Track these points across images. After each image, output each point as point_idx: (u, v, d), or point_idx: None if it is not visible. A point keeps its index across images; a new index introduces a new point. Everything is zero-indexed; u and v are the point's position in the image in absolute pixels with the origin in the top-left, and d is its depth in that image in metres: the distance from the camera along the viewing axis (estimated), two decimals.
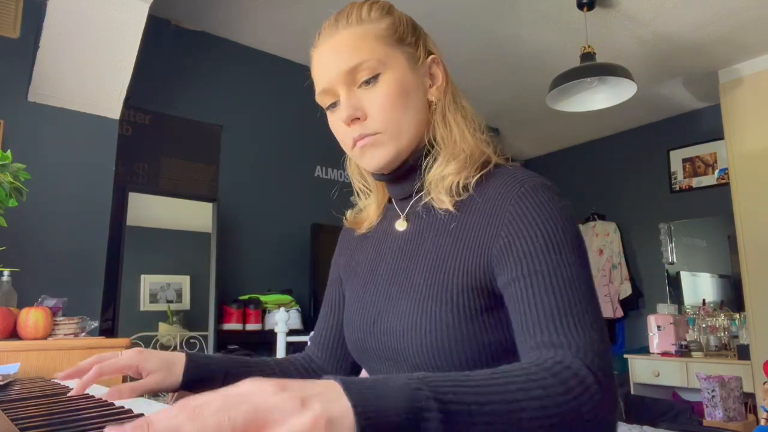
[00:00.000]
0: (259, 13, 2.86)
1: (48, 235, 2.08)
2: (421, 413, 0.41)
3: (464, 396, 0.44)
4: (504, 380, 0.48)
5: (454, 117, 0.74)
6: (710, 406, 2.92)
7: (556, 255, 0.60)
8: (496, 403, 0.45)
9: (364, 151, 0.72)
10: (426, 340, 0.65)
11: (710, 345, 3.55)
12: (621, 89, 2.64)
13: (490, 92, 3.79)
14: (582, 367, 0.53)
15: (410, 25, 0.76)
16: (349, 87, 0.71)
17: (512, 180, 0.67)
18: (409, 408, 0.40)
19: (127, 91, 2.25)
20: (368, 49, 0.70)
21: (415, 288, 0.69)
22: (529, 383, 0.48)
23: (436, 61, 0.76)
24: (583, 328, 0.57)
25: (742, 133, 3.30)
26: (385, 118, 0.70)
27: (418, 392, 0.42)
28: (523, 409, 0.46)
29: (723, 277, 4.02)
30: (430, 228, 0.72)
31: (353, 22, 0.71)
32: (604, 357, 0.55)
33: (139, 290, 2.65)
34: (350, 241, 0.88)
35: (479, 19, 2.90)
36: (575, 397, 0.50)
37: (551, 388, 0.49)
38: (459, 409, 0.43)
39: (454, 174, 0.70)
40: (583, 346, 0.55)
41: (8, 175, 1.39)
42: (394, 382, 0.42)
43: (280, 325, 2.32)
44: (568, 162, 4.92)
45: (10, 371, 1.04)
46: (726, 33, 2.99)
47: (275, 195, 3.14)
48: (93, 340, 1.68)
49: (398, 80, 0.70)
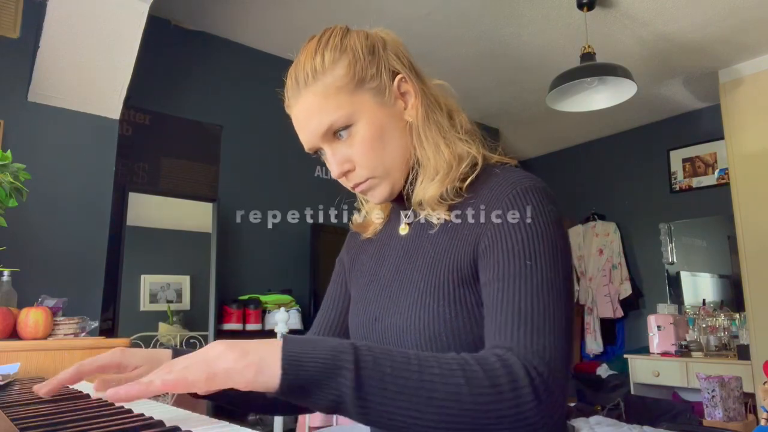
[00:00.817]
0: (259, 13, 2.86)
1: (48, 235, 2.08)
2: (339, 370, 0.50)
3: (382, 366, 0.51)
4: (432, 362, 0.53)
5: (427, 134, 0.74)
6: (710, 406, 2.92)
7: (530, 261, 0.62)
8: (410, 379, 0.51)
9: (364, 194, 0.77)
10: (425, 334, 0.67)
11: (710, 345, 3.55)
12: (621, 89, 2.64)
13: (490, 92, 3.79)
14: (520, 369, 0.55)
15: (367, 55, 0.72)
16: (330, 144, 0.73)
17: (506, 181, 0.69)
18: (329, 363, 0.50)
19: (127, 91, 2.25)
20: (333, 106, 0.70)
21: (414, 285, 0.71)
22: (456, 371, 0.53)
23: (404, 80, 0.74)
24: (539, 335, 0.58)
25: (742, 133, 3.30)
26: (370, 163, 0.72)
27: (343, 353, 0.51)
28: (435, 390, 0.51)
29: (723, 277, 4.02)
30: (430, 229, 0.74)
31: (310, 81, 0.70)
32: (551, 365, 0.57)
33: (139, 290, 2.65)
34: (356, 242, 0.90)
35: (479, 19, 2.90)
36: (499, 393, 0.53)
37: (476, 380, 0.53)
38: (372, 374, 0.50)
39: (435, 189, 0.71)
40: (531, 351, 0.57)
41: (8, 175, 1.39)
42: (331, 342, 0.52)
43: (280, 325, 2.32)
44: (568, 162, 4.92)
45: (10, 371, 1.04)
46: (726, 33, 2.99)
47: (275, 195, 3.14)
48: (93, 340, 1.68)
49: (371, 124, 0.71)
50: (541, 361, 0.56)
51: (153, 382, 0.49)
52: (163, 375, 0.50)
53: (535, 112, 4.07)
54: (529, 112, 4.12)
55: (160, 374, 0.50)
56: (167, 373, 0.50)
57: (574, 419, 2.79)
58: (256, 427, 2.52)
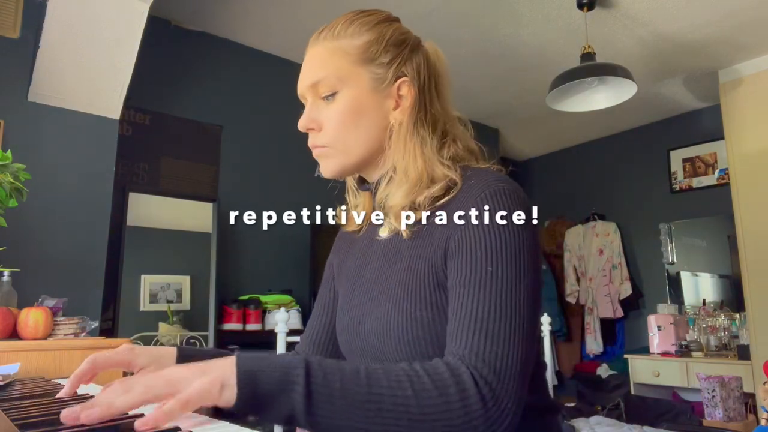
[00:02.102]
0: (259, 13, 2.86)
1: (48, 235, 2.08)
2: (291, 386, 0.52)
3: (332, 381, 0.53)
4: (381, 374, 0.55)
5: (407, 142, 0.73)
6: (710, 406, 2.92)
7: (492, 267, 0.62)
8: (359, 393, 0.53)
9: (319, 159, 0.78)
10: (404, 338, 0.67)
11: (710, 345, 3.55)
12: (621, 89, 2.64)
13: (490, 92, 3.79)
14: (469, 378, 0.55)
15: (392, 44, 0.75)
16: (314, 98, 0.76)
17: (478, 183, 0.68)
18: (282, 380, 0.52)
19: (127, 91, 2.24)
20: (333, 65, 0.73)
21: (393, 289, 0.71)
22: (404, 382, 0.55)
23: (407, 83, 0.75)
24: (492, 342, 0.58)
25: (743, 133, 3.30)
26: (333, 134, 0.74)
27: (294, 369, 0.53)
28: (383, 402, 0.53)
29: (723, 277, 4.01)
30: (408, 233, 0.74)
31: (329, 37, 0.75)
32: (502, 372, 0.57)
33: (139, 290, 2.65)
34: (343, 245, 0.90)
35: (479, 19, 2.90)
36: (446, 402, 0.54)
37: (424, 392, 0.54)
38: (321, 389, 0.53)
39: (399, 202, 0.71)
40: (482, 358, 0.57)
41: (8, 175, 1.39)
42: (282, 359, 0.54)
43: (281, 325, 2.32)
44: (568, 162, 4.92)
45: (11, 371, 1.04)
46: (726, 33, 2.99)
47: (275, 195, 3.14)
48: (93, 340, 1.68)
49: (354, 99, 0.73)
50: (490, 370, 0.57)
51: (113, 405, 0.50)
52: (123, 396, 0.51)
53: (535, 112, 4.07)
54: (529, 112, 4.12)
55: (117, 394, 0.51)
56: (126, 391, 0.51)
57: (575, 419, 2.79)
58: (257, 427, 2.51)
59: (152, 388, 0.51)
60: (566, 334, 4.59)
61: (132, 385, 0.52)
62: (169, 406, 0.49)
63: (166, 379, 0.52)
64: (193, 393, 0.50)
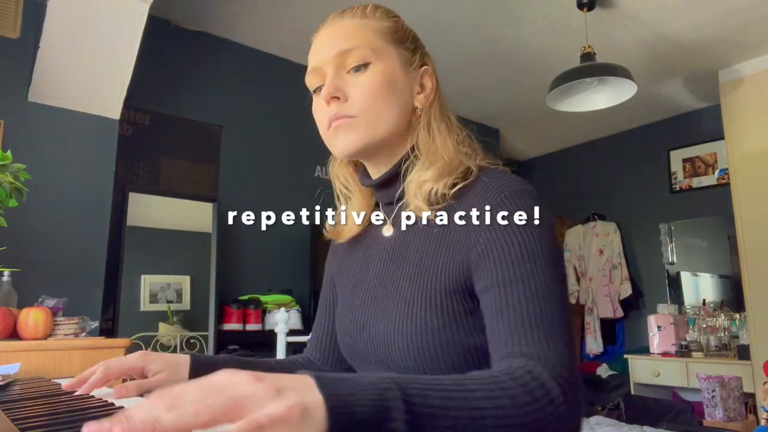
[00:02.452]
0: (259, 13, 2.86)
1: (48, 235, 2.08)
2: (389, 412, 0.43)
3: (431, 399, 0.46)
4: (472, 386, 0.50)
5: (438, 125, 0.74)
6: (710, 407, 2.92)
7: (530, 264, 0.61)
8: (460, 408, 0.47)
9: (337, 132, 0.72)
10: (412, 343, 0.66)
11: (710, 345, 3.55)
12: (621, 89, 2.64)
13: (490, 92, 3.79)
14: (549, 380, 0.54)
15: (412, 35, 0.77)
16: (337, 69, 0.71)
17: (494, 185, 0.67)
18: (377, 405, 0.42)
19: (127, 91, 2.24)
20: (364, 37, 0.71)
21: (401, 293, 0.69)
22: (497, 392, 0.51)
23: (429, 72, 0.76)
24: (553, 341, 0.58)
25: (743, 134, 3.30)
26: (365, 103, 0.70)
27: (387, 391, 0.44)
28: (486, 417, 0.48)
29: (723, 277, 4.01)
30: (415, 233, 0.73)
31: (357, 15, 0.74)
32: (571, 371, 0.57)
33: (140, 290, 2.65)
34: (342, 245, 0.88)
35: (479, 19, 2.90)
36: (540, 408, 0.52)
37: (518, 398, 0.51)
38: (424, 411, 0.45)
39: (432, 181, 0.69)
40: (552, 359, 0.56)
41: (8, 175, 1.39)
42: (366, 379, 0.45)
43: (281, 325, 2.32)
44: (568, 162, 4.92)
45: (11, 371, 1.04)
46: (726, 33, 2.99)
47: (275, 195, 3.14)
48: (93, 340, 1.68)
49: (387, 73, 0.71)
50: (563, 369, 0.56)
51: (160, 423, 0.35)
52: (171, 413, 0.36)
53: (535, 113, 4.07)
54: (529, 112, 4.11)
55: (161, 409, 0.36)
56: (173, 407, 0.37)
57: None
58: None
59: (210, 407, 0.37)
60: None
61: (182, 398, 0.37)
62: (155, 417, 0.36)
63: (228, 394, 0.38)
64: (268, 420, 0.36)
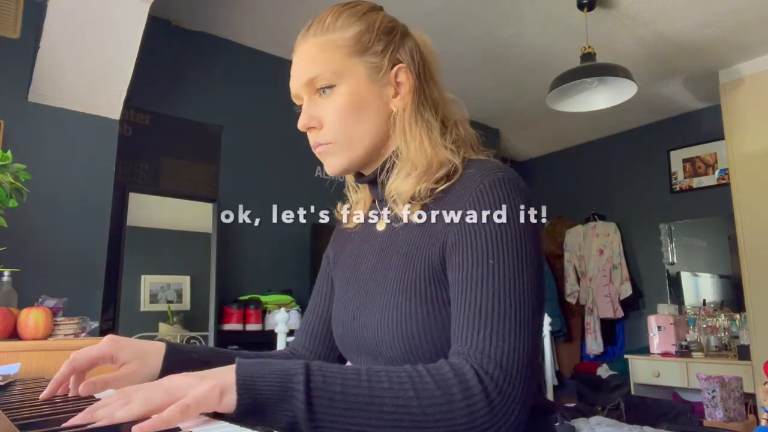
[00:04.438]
0: (259, 13, 2.86)
1: (48, 235, 2.08)
2: (291, 392, 0.52)
3: (332, 385, 0.53)
4: (383, 377, 0.55)
5: (415, 127, 0.73)
6: (710, 407, 2.92)
7: (493, 260, 0.61)
8: (360, 395, 0.53)
9: (321, 157, 0.76)
10: (398, 333, 0.66)
11: (710, 345, 3.55)
12: (621, 89, 2.64)
13: (490, 92, 3.79)
14: (472, 376, 0.55)
15: (382, 33, 0.74)
16: (310, 95, 0.74)
17: (478, 173, 0.67)
18: (281, 386, 0.52)
19: (127, 92, 2.24)
20: (325, 60, 0.72)
21: (389, 283, 0.70)
22: (405, 383, 0.54)
23: (404, 69, 0.74)
24: (498, 337, 0.57)
25: (743, 134, 3.30)
26: (336, 129, 0.72)
27: (295, 376, 0.53)
28: (384, 404, 0.53)
29: (723, 278, 4.01)
30: (405, 226, 0.73)
31: (319, 32, 0.74)
32: (508, 368, 0.56)
33: (140, 290, 2.65)
34: (341, 238, 0.89)
35: (480, 19, 2.90)
36: (449, 402, 0.53)
37: (426, 391, 0.54)
38: (323, 395, 0.52)
39: (410, 188, 0.70)
40: (487, 355, 0.56)
41: (8, 175, 1.39)
42: (283, 365, 0.54)
43: (281, 325, 2.32)
44: (568, 162, 4.92)
45: (11, 371, 1.04)
46: (726, 33, 2.99)
47: (275, 195, 3.14)
48: (93, 340, 1.68)
49: (352, 92, 0.72)
50: (495, 365, 0.56)
51: (114, 418, 0.50)
52: (123, 407, 0.51)
53: (535, 113, 4.07)
54: (529, 112, 4.11)
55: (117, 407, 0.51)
56: (126, 403, 0.51)
57: (575, 419, 2.79)
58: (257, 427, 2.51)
59: (151, 400, 0.51)
60: (566, 335, 4.59)
61: (131, 396, 0.52)
62: (168, 413, 0.49)
63: (163, 388, 0.52)
64: (192, 399, 0.50)
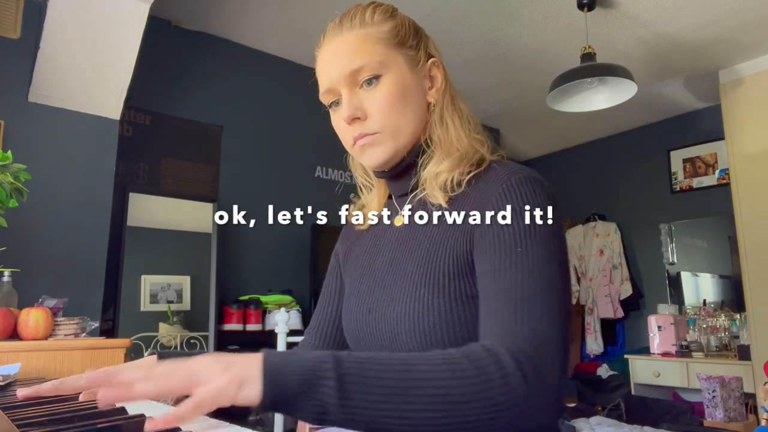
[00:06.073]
0: (259, 13, 2.86)
1: (48, 235, 2.08)
2: (319, 380, 0.49)
3: (366, 371, 0.51)
4: (417, 361, 0.53)
5: (451, 118, 0.76)
6: (711, 407, 2.92)
7: (521, 248, 0.62)
8: (395, 379, 0.51)
9: (363, 150, 0.75)
10: (419, 326, 0.67)
11: (711, 345, 3.54)
12: (621, 89, 2.64)
13: (490, 92, 3.79)
14: (506, 355, 0.54)
15: (412, 29, 0.78)
16: (350, 88, 0.73)
17: (502, 172, 0.69)
18: (309, 374, 0.49)
19: (127, 92, 2.24)
20: (369, 51, 0.72)
21: (409, 276, 0.71)
22: (440, 365, 0.53)
23: (436, 63, 0.78)
24: (529, 320, 0.57)
25: (743, 134, 3.30)
26: (384, 118, 0.72)
27: (323, 363, 0.50)
28: (421, 387, 0.51)
29: (723, 278, 4.01)
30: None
31: (356, 25, 0.74)
32: (541, 348, 0.56)
33: (140, 291, 2.65)
34: (351, 234, 0.90)
35: (480, 19, 2.90)
36: (487, 381, 0.52)
37: (462, 371, 0.52)
38: (356, 380, 0.50)
39: (447, 171, 0.72)
40: (520, 337, 0.56)
41: (9, 175, 1.39)
42: (311, 354, 0.52)
43: (281, 325, 2.32)
44: (568, 162, 4.92)
45: (11, 372, 1.04)
46: (726, 33, 2.99)
47: (275, 195, 3.14)
48: (93, 340, 1.68)
49: (398, 82, 0.73)
50: (529, 345, 0.55)
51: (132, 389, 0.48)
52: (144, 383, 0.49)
53: (535, 113, 4.07)
54: (529, 112, 4.11)
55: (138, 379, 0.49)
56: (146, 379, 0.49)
57: (575, 419, 2.79)
58: (257, 427, 2.52)
59: (172, 377, 0.49)
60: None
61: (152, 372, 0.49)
62: (181, 410, 0.47)
63: (186, 369, 0.49)
64: (208, 395, 0.48)
